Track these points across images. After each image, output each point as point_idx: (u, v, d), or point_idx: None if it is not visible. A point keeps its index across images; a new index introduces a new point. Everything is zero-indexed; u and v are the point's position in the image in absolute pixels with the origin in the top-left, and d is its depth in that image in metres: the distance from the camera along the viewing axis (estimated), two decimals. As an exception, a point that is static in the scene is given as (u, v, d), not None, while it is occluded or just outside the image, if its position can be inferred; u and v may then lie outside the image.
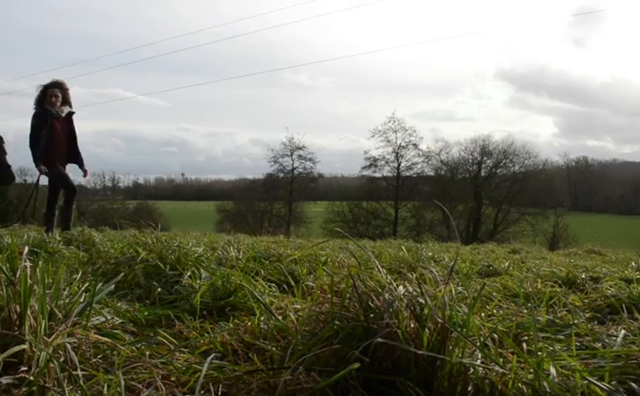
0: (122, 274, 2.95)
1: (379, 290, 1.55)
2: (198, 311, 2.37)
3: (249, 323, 2.00)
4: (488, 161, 51.20)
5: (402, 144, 49.28)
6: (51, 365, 1.38)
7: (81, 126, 8.13)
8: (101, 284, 2.17)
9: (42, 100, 7.83)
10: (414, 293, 1.55)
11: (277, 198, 51.96)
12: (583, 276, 3.84)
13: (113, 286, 2.24)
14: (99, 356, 1.60)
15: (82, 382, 1.35)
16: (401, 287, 1.55)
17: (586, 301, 2.88)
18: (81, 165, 8.10)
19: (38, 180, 8.16)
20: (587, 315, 2.54)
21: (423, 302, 1.50)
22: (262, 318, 1.99)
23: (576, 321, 2.21)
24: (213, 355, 1.61)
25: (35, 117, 7.72)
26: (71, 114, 8.05)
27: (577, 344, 1.89)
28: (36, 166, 7.64)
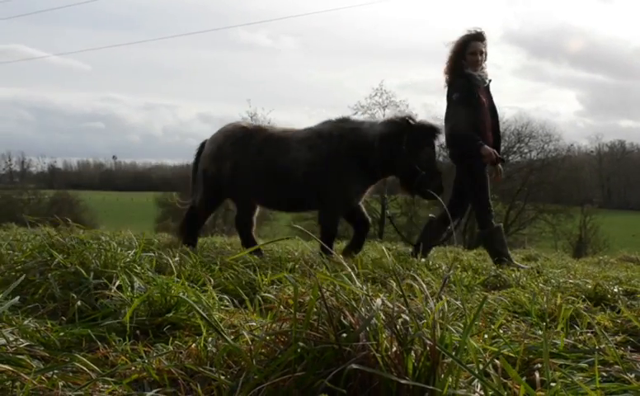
0: (31, 283, 2.92)
1: (354, 305, 1.57)
2: (129, 330, 2.36)
3: (193, 345, 2.00)
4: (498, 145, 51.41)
5: (391, 123, 49.35)
6: None
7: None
8: (0, 296, 2.14)
9: (459, 60, 6.81)
10: (397, 308, 1.56)
11: (234, 189, 51.69)
12: (615, 290, 3.88)
13: (18, 299, 2.22)
14: (-4, 388, 1.58)
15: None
16: (379, 300, 1.57)
17: (618, 321, 2.91)
18: (497, 152, 6.93)
19: (481, 173, 6.87)
20: (618, 339, 2.57)
21: (408, 319, 1.52)
22: (210, 339, 2.00)
23: (602, 345, 2.24)
24: (145, 387, 1.61)
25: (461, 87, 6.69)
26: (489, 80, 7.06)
27: (603, 374, 1.92)
28: (479, 151, 6.60)
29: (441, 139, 6.65)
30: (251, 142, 6.62)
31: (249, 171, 6.57)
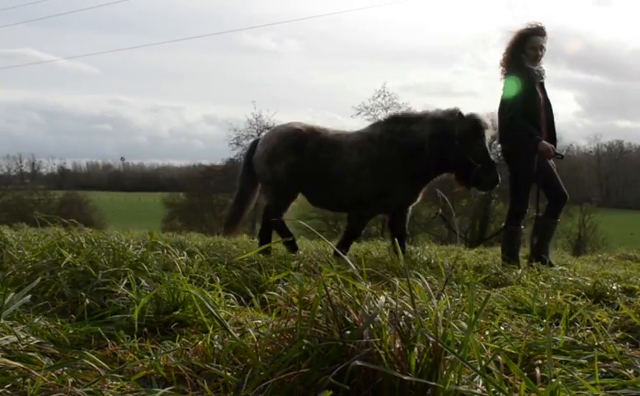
0: (42, 282, 2.92)
1: (358, 303, 1.56)
2: (137, 328, 2.36)
3: (200, 343, 2.00)
4: (498, 145, 51.26)
5: (394, 124, 49.22)
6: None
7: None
8: (12, 294, 2.14)
9: (518, 53, 6.52)
10: (400, 306, 1.56)
11: (240, 189, 51.68)
12: (614, 288, 3.88)
13: (29, 297, 2.22)
14: (7, 386, 1.58)
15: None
16: (382, 298, 1.57)
17: (617, 318, 2.91)
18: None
19: (529, 171, 6.53)
20: (617, 335, 2.57)
21: (411, 317, 1.52)
22: (216, 337, 2.00)
23: (601, 342, 2.24)
24: (153, 383, 1.61)
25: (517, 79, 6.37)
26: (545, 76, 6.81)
27: (603, 370, 1.92)
28: (536, 146, 6.28)
29: (492, 131, 6.46)
30: (306, 145, 6.45)
31: (304, 174, 6.42)
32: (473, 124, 6.22)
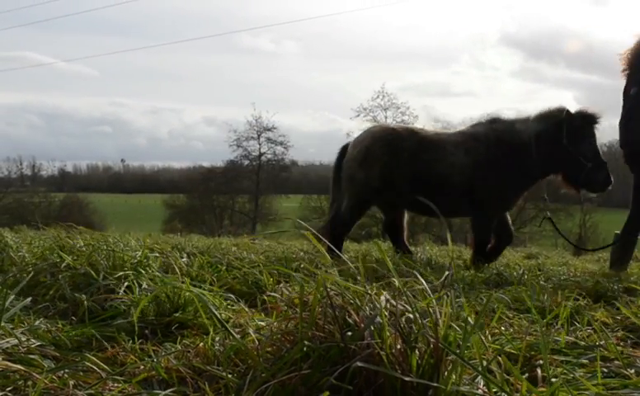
0: (42, 285, 2.92)
1: (358, 304, 1.56)
2: (137, 330, 2.36)
3: (201, 345, 2.00)
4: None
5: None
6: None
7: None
8: (12, 297, 2.14)
9: None
10: (401, 307, 1.56)
11: (240, 191, 51.79)
12: (615, 288, 3.88)
13: (29, 300, 2.22)
14: (8, 389, 1.58)
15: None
16: (383, 298, 1.57)
17: (618, 318, 2.91)
18: None
19: None
20: (618, 335, 2.58)
21: (412, 317, 1.52)
22: (217, 338, 2.00)
23: (603, 342, 2.24)
24: (154, 385, 1.61)
25: None
26: None
27: (604, 370, 1.92)
28: None
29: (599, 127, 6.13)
30: (404, 145, 6.14)
31: (402, 176, 6.11)
32: (583, 121, 5.94)
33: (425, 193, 5.95)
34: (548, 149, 5.91)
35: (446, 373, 1.47)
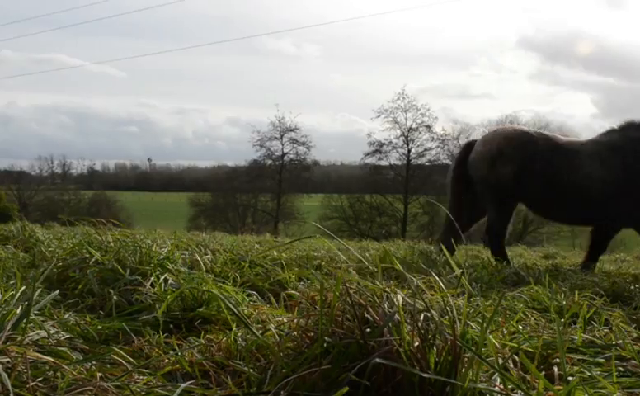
0: (71, 279, 2.95)
1: (377, 301, 1.56)
2: (162, 324, 2.38)
3: (223, 340, 2.01)
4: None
5: (413, 126, 48.63)
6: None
7: (17, 99, 7.69)
8: (40, 290, 2.16)
9: None
10: (419, 305, 1.55)
11: (263, 190, 51.88)
12: (631, 288, 3.84)
13: (58, 293, 2.24)
14: (38, 379, 1.60)
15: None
16: (399, 296, 1.56)
17: (634, 318, 2.89)
18: None
19: None
20: (635, 335, 2.55)
21: (430, 315, 1.51)
22: (239, 334, 2.01)
23: (619, 341, 2.22)
24: (178, 378, 1.62)
25: None
26: None
27: (620, 369, 1.90)
28: None
29: None
30: (538, 149, 5.85)
31: (534, 180, 5.84)
32: None
33: (560, 201, 5.87)
34: None
35: (463, 370, 1.46)
